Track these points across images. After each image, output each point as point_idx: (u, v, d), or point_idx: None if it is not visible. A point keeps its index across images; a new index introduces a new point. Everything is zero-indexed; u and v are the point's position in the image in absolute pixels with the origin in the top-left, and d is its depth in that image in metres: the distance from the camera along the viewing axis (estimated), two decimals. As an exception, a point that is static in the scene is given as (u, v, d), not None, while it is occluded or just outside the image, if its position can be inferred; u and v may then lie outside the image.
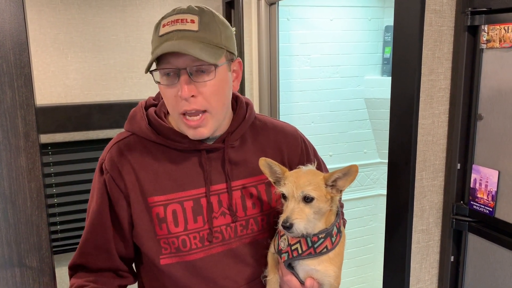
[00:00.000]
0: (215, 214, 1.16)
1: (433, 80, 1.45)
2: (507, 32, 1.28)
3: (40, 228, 1.05)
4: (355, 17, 3.02)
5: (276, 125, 1.31)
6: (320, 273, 1.10)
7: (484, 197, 1.40)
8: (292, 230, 1.03)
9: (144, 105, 1.22)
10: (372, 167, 3.29)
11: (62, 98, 2.46)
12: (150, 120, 1.18)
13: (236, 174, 1.20)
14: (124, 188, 1.14)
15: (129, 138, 1.19)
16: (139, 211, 1.14)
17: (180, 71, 1.05)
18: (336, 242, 1.10)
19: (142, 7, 2.54)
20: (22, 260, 1.03)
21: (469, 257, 1.50)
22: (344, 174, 1.05)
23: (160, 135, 1.16)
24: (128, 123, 1.21)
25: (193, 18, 1.07)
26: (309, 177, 1.06)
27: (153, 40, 1.10)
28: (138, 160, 1.15)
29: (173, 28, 1.06)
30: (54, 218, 2.48)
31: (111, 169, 1.15)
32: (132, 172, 1.14)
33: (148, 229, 1.14)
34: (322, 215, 1.07)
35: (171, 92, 1.08)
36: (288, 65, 2.90)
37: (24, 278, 1.04)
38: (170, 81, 1.07)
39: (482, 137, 1.41)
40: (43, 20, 2.36)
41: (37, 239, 1.05)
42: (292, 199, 1.05)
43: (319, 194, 1.04)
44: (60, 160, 2.46)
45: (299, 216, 1.02)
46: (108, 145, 1.20)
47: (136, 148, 1.17)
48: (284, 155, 1.27)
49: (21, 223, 1.02)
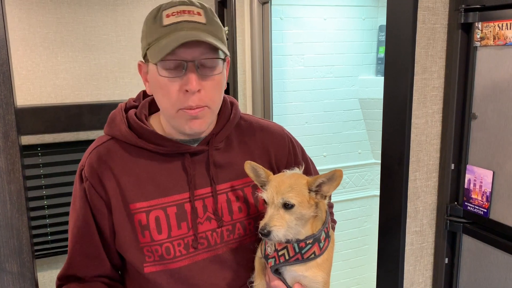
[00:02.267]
0: (200, 220, 1.12)
1: (426, 79, 1.42)
2: (501, 30, 1.26)
3: (20, 231, 1.02)
4: (349, 17, 2.99)
5: (262, 125, 1.27)
6: (308, 279, 1.07)
7: (479, 198, 1.38)
8: (270, 238, 1.00)
9: (124, 107, 1.17)
10: (366, 167, 3.27)
11: (52, 98, 2.42)
12: (130, 123, 1.13)
13: (221, 177, 1.16)
14: (105, 195, 1.10)
15: (109, 142, 1.14)
16: (121, 218, 1.10)
17: (187, 63, 1.01)
18: (324, 247, 1.07)
19: (134, 6, 2.51)
20: (2, 264, 1.00)
21: (464, 259, 1.48)
22: (328, 179, 1.01)
23: (141, 138, 1.11)
24: (107, 127, 1.16)
25: (199, 11, 1.04)
26: (292, 183, 1.02)
27: (151, 30, 1.04)
28: (119, 165, 1.11)
29: (181, 19, 1.02)
30: (44, 221, 2.44)
31: (90, 176, 1.10)
32: (113, 178, 1.10)
33: (130, 237, 1.10)
34: (306, 221, 1.03)
35: (174, 86, 1.03)
36: (281, 65, 2.87)
37: (4, 284, 1.00)
38: (174, 74, 1.02)
39: (476, 136, 1.39)
40: (33, 19, 2.33)
41: (18, 243, 1.01)
42: (272, 206, 1.02)
43: (301, 200, 1.01)
44: (50, 161, 2.43)
45: (277, 223, 0.99)
46: (87, 150, 1.15)
47: (117, 153, 1.12)
48: (272, 156, 1.23)
49: (0, 226, 0.99)
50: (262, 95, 2.64)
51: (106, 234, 1.13)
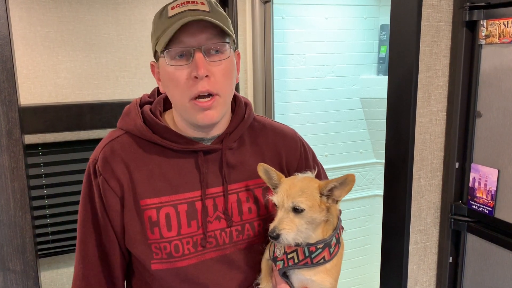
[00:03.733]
0: (210, 219, 1.11)
1: (430, 77, 1.42)
2: (507, 27, 1.25)
3: (24, 230, 1.01)
4: (351, 16, 2.99)
5: (275, 127, 1.27)
6: (316, 284, 1.05)
7: (484, 196, 1.37)
8: (279, 241, 1.00)
9: (138, 103, 1.17)
10: (368, 167, 3.26)
11: (52, 98, 2.41)
12: (145, 118, 1.12)
13: (233, 177, 1.15)
14: (119, 190, 1.09)
15: (123, 136, 1.13)
16: (131, 214, 1.09)
17: (194, 50, 1.01)
18: (334, 253, 1.05)
19: (135, 5, 2.50)
20: (5, 263, 0.99)
21: (468, 258, 1.47)
22: (340, 183, 1.00)
23: (156, 134, 1.11)
24: (121, 120, 1.15)
25: (202, 1, 1.05)
26: (303, 186, 1.01)
27: (158, 25, 1.06)
28: (133, 160, 1.10)
29: (184, 8, 1.03)
30: (45, 220, 2.43)
31: (104, 170, 1.09)
32: (127, 172, 1.09)
33: (139, 233, 1.09)
34: (317, 225, 1.02)
35: (183, 74, 1.03)
36: (283, 64, 2.86)
37: (7, 282, 0.99)
38: (182, 62, 1.03)
39: (481, 135, 1.39)
40: (33, 18, 2.32)
41: (21, 242, 1.00)
42: (282, 209, 1.01)
43: (312, 204, 1.00)
44: (51, 160, 2.41)
45: (287, 227, 0.99)
46: (100, 144, 1.14)
47: (131, 147, 1.11)
48: (283, 159, 1.23)
49: (4, 224, 0.98)
50: (264, 94, 2.64)
51: (117, 230, 1.11)
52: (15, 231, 1.00)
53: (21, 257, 1.01)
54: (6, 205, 0.97)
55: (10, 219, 0.98)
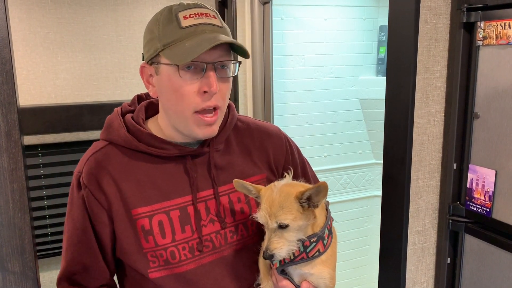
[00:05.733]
0: (204, 222, 1.11)
1: (428, 78, 1.42)
2: (504, 29, 1.26)
3: (23, 231, 1.01)
4: (350, 17, 2.99)
5: (260, 126, 1.27)
6: (315, 277, 1.08)
7: (481, 197, 1.38)
8: (275, 259, 1.03)
9: (120, 112, 1.16)
10: (367, 168, 3.26)
11: (52, 99, 2.41)
12: (128, 127, 1.11)
13: (222, 179, 1.15)
14: (105, 202, 1.08)
15: (107, 147, 1.12)
16: (123, 225, 1.08)
17: (206, 65, 1.01)
18: (328, 244, 1.08)
19: (134, 6, 2.50)
20: (4, 264, 1.00)
21: (466, 259, 1.48)
22: (314, 192, 1.01)
23: (141, 142, 1.10)
24: (104, 132, 1.14)
25: (213, 14, 1.05)
26: (281, 201, 1.02)
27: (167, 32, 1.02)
28: (119, 171, 1.09)
29: (200, 21, 1.02)
30: (44, 221, 2.44)
31: (89, 183, 1.08)
32: (113, 184, 1.08)
33: (133, 243, 1.08)
34: (306, 227, 1.04)
35: (193, 88, 1.02)
36: (282, 65, 2.87)
37: (6, 283, 1.00)
38: (193, 75, 1.02)
39: (479, 136, 1.39)
40: (33, 19, 2.32)
41: (20, 243, 1.01)
42: (268, 228, 1.03)
43: (294, 216, 1.01)
44: (50, 161, 2.42)
45: (277, 245, 1.01)
46: (83, 156, 1.13)
47: (116, 158, 1.10)
48: (270, 156, 1.23)
49: (2, 225, 0.98)
50: (263, 95, 2.64)
51: (105, 243, 1.11)
52: (14, 232, 1.00)
53: (20, 258, 1.01)
54: (5, 206, 0.98)
55: (9, 220, 0.99)
